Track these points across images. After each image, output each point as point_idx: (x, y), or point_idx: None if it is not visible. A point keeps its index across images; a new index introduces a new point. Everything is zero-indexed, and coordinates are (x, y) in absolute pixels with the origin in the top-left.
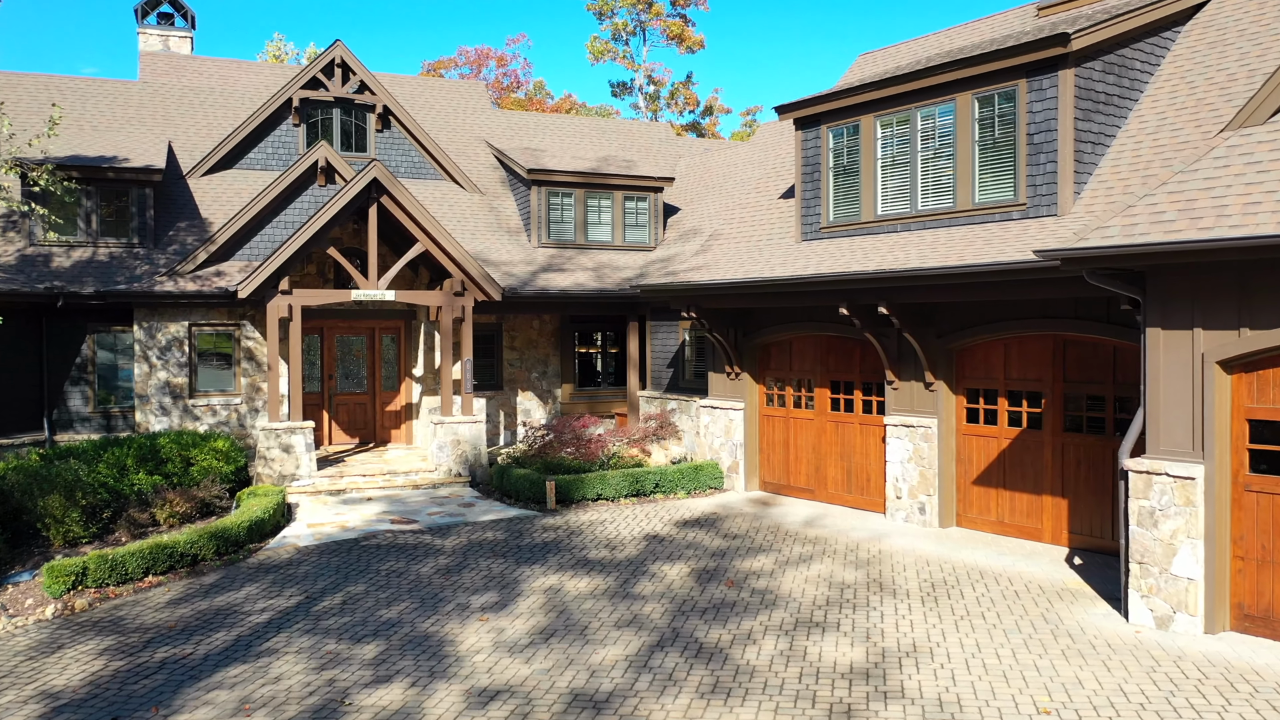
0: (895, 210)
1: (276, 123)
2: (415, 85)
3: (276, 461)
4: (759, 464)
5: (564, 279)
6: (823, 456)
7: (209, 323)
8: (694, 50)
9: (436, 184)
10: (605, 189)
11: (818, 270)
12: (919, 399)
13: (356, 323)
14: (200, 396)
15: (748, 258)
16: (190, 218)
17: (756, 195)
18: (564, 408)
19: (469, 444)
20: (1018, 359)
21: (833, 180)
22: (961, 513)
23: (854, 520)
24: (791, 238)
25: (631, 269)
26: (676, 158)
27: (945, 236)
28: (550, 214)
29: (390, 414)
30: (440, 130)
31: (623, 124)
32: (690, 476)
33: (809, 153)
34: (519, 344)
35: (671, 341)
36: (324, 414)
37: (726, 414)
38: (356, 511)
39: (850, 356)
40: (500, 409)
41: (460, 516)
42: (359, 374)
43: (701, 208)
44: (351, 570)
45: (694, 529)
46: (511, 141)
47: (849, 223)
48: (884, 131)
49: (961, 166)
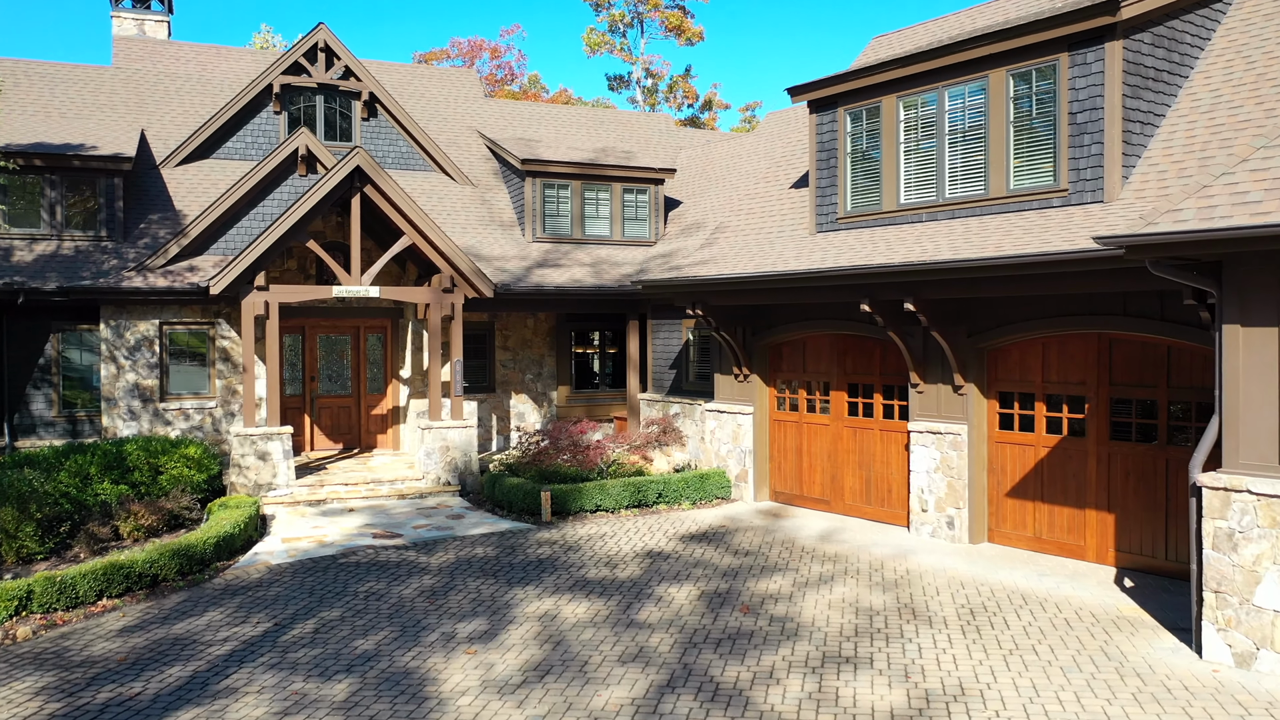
0: (920, 199)
1: (256, 110)
2: (404, 73)
3: (252, 470)
4: (769, 472)
5: (560, 275)
6: (839, 465)
7: (181, 321)
8: (693, 43)
9: (425, 175)
10: (603, 180)
11: (836, 263)
12: (947, 403)
13: (340, 321)
14: (172, 400)
15: (757, 251)
16: (163, 210)
17: (765, 185)
18: (560, 411)
19: (459, 450)
20: (1058, 360)
21: (850, 167)
22: (994, 527)
23: (875, 535)
24: (805, 229)
25: (631, 265)
26: (677, 149)
27: (977, 226)
28: (545, 207)
29: (376, 418)
30: (430, 120)
31: (621, 115)
32: (695, 486)
33: (824, 138)
34: (512, 344)
35: (674, 341)
36: (305, 418)
37: (734, 419)
38: (336, 524)
39: (870, 357)
40: (492, 412)
41: (448, 530)
42: (343, 376)
43: (704, 201)
44: (327, 593)
45: (701, 544)
46: (505, 132)
47: (868, 212)
48: (907, 114)
49: (994, 150)
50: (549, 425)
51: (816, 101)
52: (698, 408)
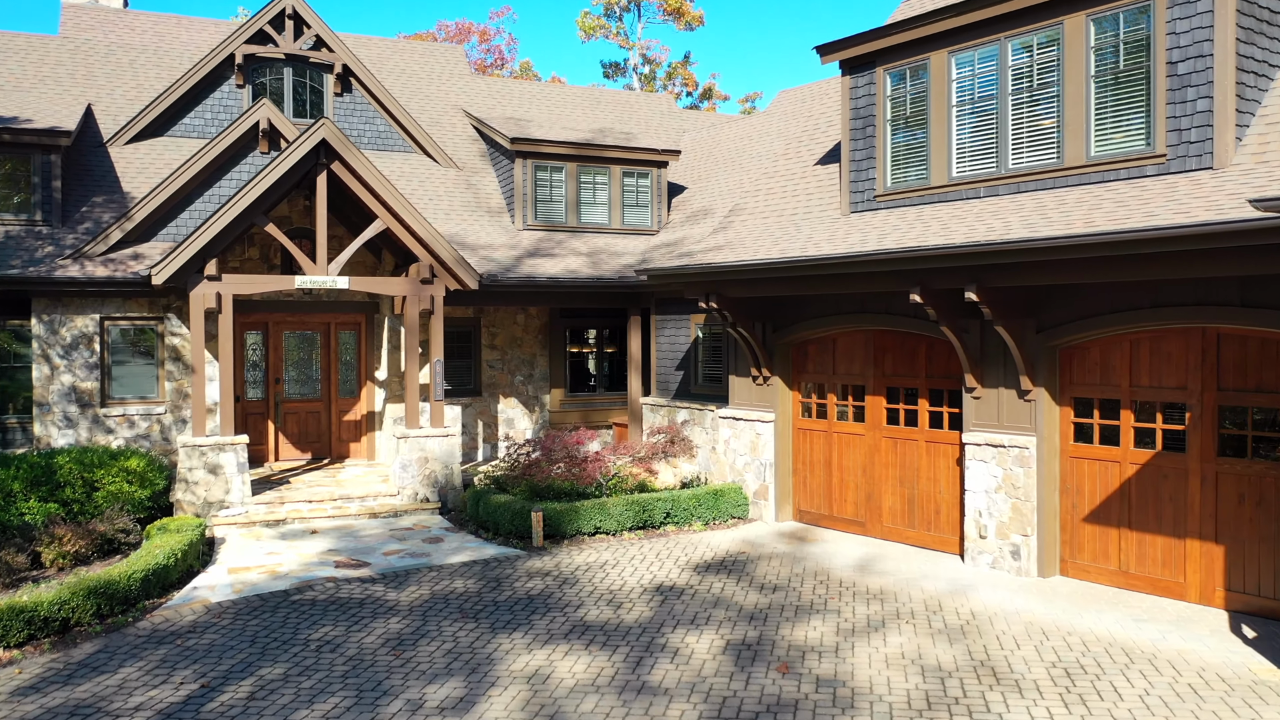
0: (976, 170)
1: (217, 83)
2: (383, 47)
3: (201, 485)
4: (793, 488)
5: (553, 265)
6: (876, 481)
7: (126, 316)
8: (693, 27)
9: (405, 157)
10: (601, 163)
11: (881, 245)
12: (1010, 411)
13: (308, 316)
14: (114, 405)
15: (781, 235)
16: (109, 191)
17: (786, 164)
18: (553, 417)
19: (439, 462)
20: (1150, 360)
21: (890, 136)
22: (1068, 558)
23: (922, 565)
24: (835, 210)
25: (632, 255)
26: (680, 132)
27: (1051, 201)
28: (538, 192)
29: (349, 424)
30: (411, 98)
31: (619, 95)
32: (708, 504)
33: (859, 103)
34: (500, 342)
35: (681, 339)
36: (269, 425)
37: (753, 427)
38: (295, 550)
39: (913, 356)
40: (478, 418)
41: (424, 557)
42: (312, 377)
43: (711, 186)
44: (272, 641)
45: (719, 575)
46: (493, 111)
47: (913, 188)
48: (961, 71)
49: (1071, 111)
50: (541, 433)
51: (851, 61)
52: (708, 414)
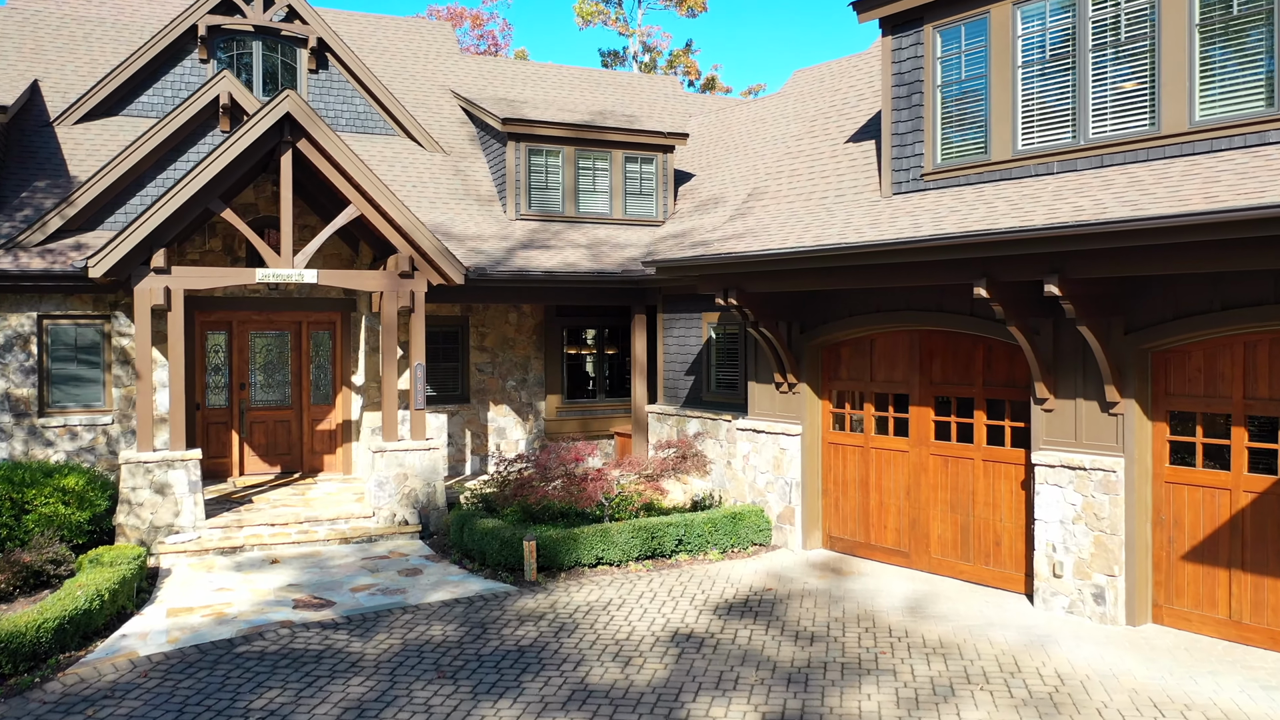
0: (1048, 142)
1: (178, 57)
2: (364, 23)
3: (146, 508)
4: (822, 512)
5: (549, 258)
6: (922, 505)
7: (68, 314)
8: (695, 13)
9: (387, 140)
10: (601, 146)
11: (939, 229)
12: (1091, 426)
13: (277, 315)
14: (55, 414)
15: (812, 221)
16: (53, 175)
17: (812, 142)
18: (549, 426)
19: (419, 479)
20: (1271, 366)
21: (942, 105)
22: (1162, 603)
23: (983, 606)
24: (873, 191)
25: (636, 247)
26: (686, 116)
27: (1148, 175)
28: (532, 178)
29: (322, 434)
30: (395, 77)
31: (620, 76)
32: (726, 529)
33: (904, 67)
34: (491, 343)
35: (691, 340)
36: (233, 436)
37: (776, 441)
38: (250, 584)
39: (967, 361)
40: (465, 428)
41: (398, 595)
42: (281, 382)
43: (722, 173)
44: (204, 712)
45: (744, 620)
46: (484, 92)
47: (970, 165)
48: (1028, 25)
49: (1169, 68)
50: (535, 444)
51: (894, 19)
52: (723, 424)
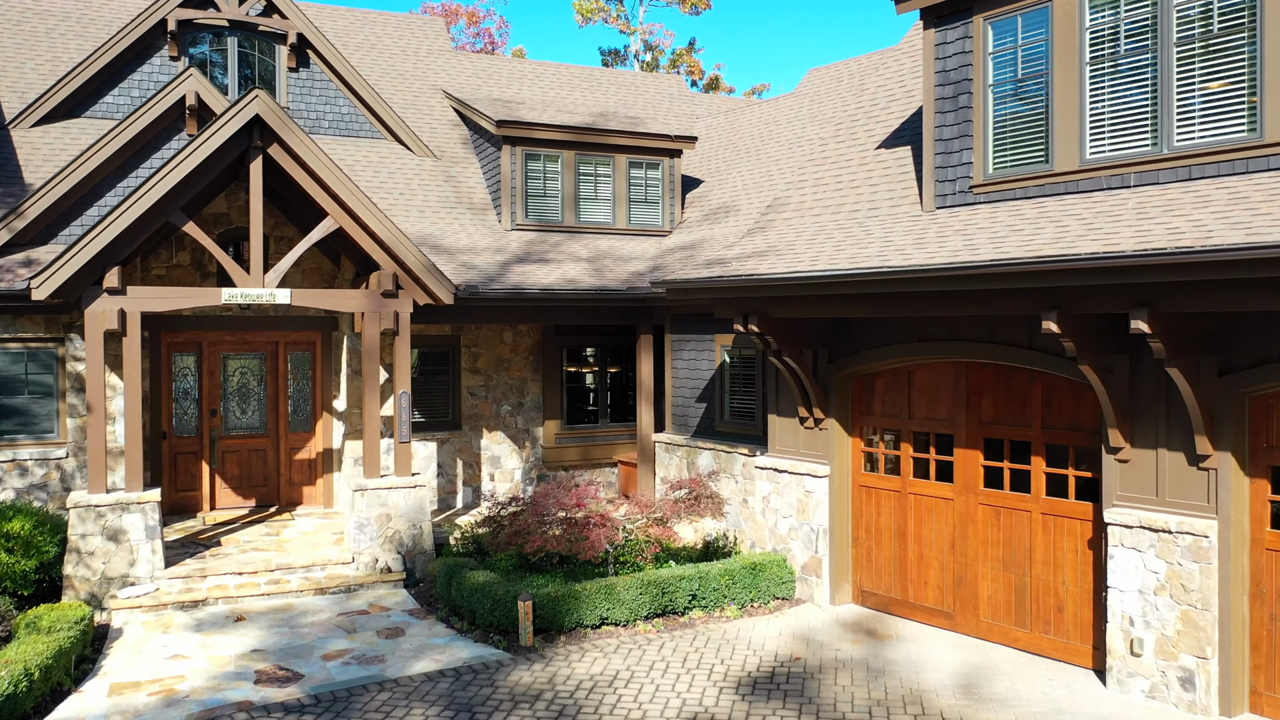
0: (1123, 150)
1: (146, 55)
2: (350, 18)
3: (97, 557)
4: (853, 562)
5: (547, 273)
6: (969, 560)
7: (16, 337)
8: (699, 10)
9: (373, 144)
10: (604, 151)
11: (1003, 253)
12: (1178, 482)
13: (252, 335)
14: (2, 447)
15: (844, 238)
16: (6, 183)
17: (837, 148)
18: (547, 454)
19: (404, 520)
20: None
21: (994, 107)
22: (1262, 690)
23: (1049, 687)
24: (912, 204)
25: (641, 261)
26: (693, 118)
27: (1253, 191)
28: (529, 185)
29: (301, 464)
30: (382, 76)
31: (623, 75)
32: (745, 581)
33: (949, 64)
34: (484, 365)
35: (703, 364)
36: (203, 466)
37: (800, 482)
38: (209, 650)
39: (1023, 399)
40: (457, 457)
41: (375, 664)
42: (256, 408)
43: (733, 178)
44: None
45: (772, 703)
46: (478, 92)
47: (1028, 175)
48: (1098, 15)
49: (1275, 62)
50: (533, 476)
51: (937, 9)
52: (738, 458)
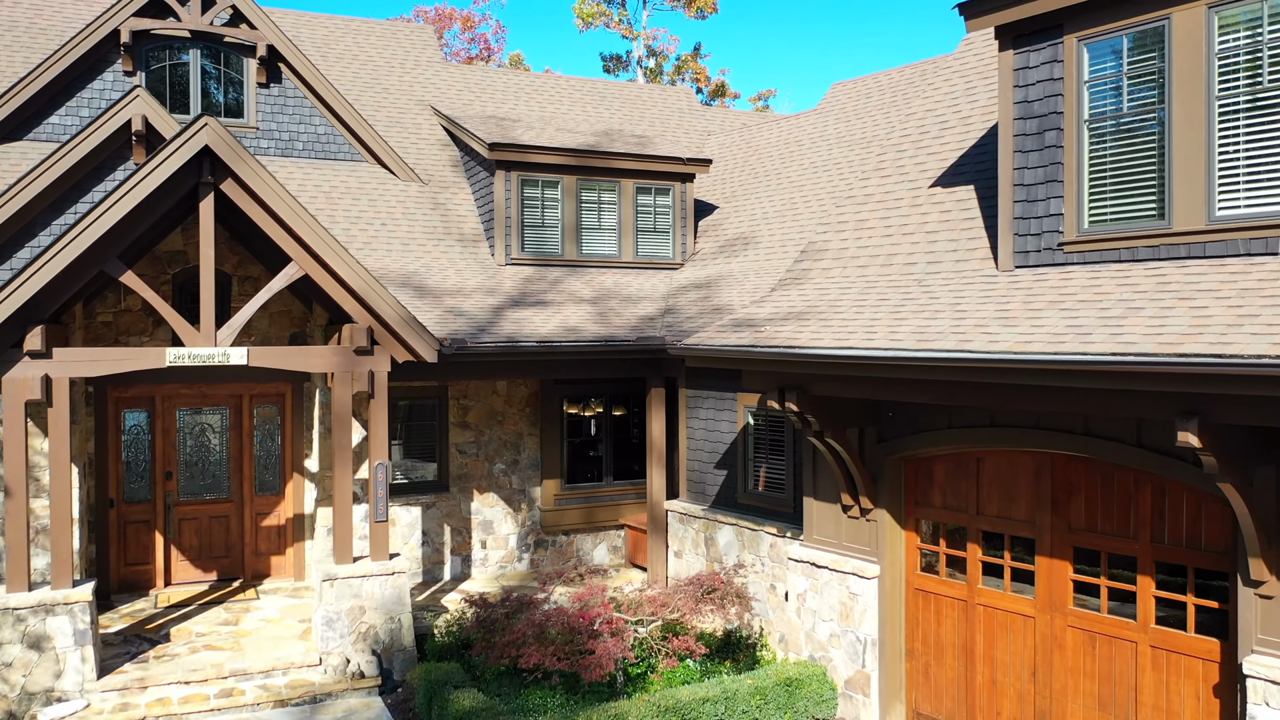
0: (1265, 206)
1: (97, 69)
2: (329, 27)
3: (17, 668)
4: (906, 678)
5: (546, 320)
6: (1054, 693)
7: None
8: (705, 15)
9: (352, 168)
10: (608, 175)
11: (1126, 343)
12: None
13: (212, 389)
14: None
15: (901, 300)
16: None
17: (881, 183)
18: (546, 517)
19: (380, 613)
20: None
21: (1090, 145)
22: None
23: None
24: (983, 259)
25: (651, 300)
26: (704, 135)
27: None
28: (525, 213)
29: (268, 531)
30: (365, 90)
31: (628, 87)
32: (779, 701)
33: (1032, 94)
34: (475, 418)
35: (723, 425)
36: (156, 537)
37: (844, 582)
38: None
39: (1127, 504)
40: (444, 522)
41: None
42: (217, 470)
43: (751, 205)
44: None
45: None
46: (470, 108)
47: (1138, 233)
48: (1231, 36)
49: None
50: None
51: (1017, 27)
52: (764, 537)
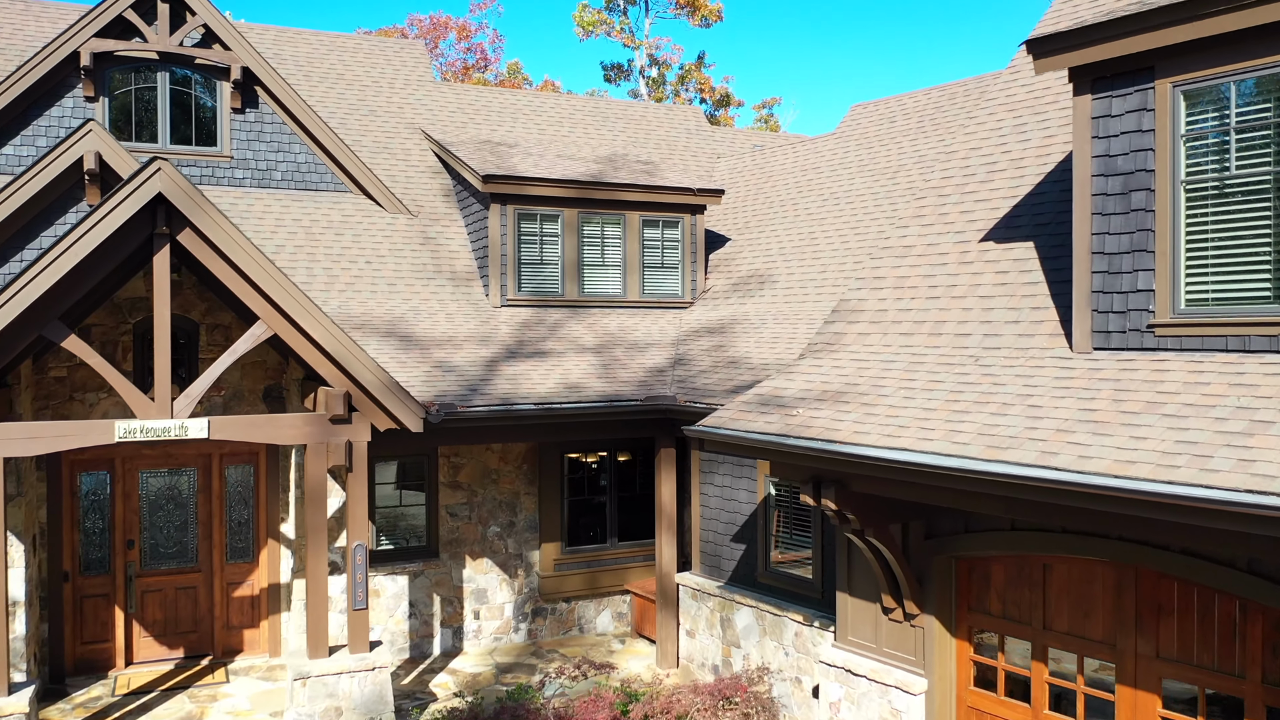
0: None
1: (56, 95)
2: (315, 44)
3: None
4: None
5: (545, 374)
6: None
7: None
8: (710, 23)
9: (335, 199)
10: (612, 208)
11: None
12: None
13: (178, 448)
14: None
15: (956, 384)
16: None
17: (922, 233)
18: (545, 584)
19: (359, 713)
20: None
21: (1188, 209)
22: None
23: None
24: (1050, 334)
25: (659, 347)
26: (714, 158)
27: None
28: (522, 250)
29: (241, 603)
30: (350, 113)
31: (631, 107)
32: None
33: (1114, 147)
34: (468, 477)
35: (741, 494)
36: (116, 612)
37: (885, 695)
38: None
39: (1229, 634)
40: (433, 591)
41: None
42: (184, 537)
43: (767, 238)
44: None
45: None
46: (464, 131)
47: (1251, 320)
48: None
49: None
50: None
51: (1096, 68)
52: (788, 624)
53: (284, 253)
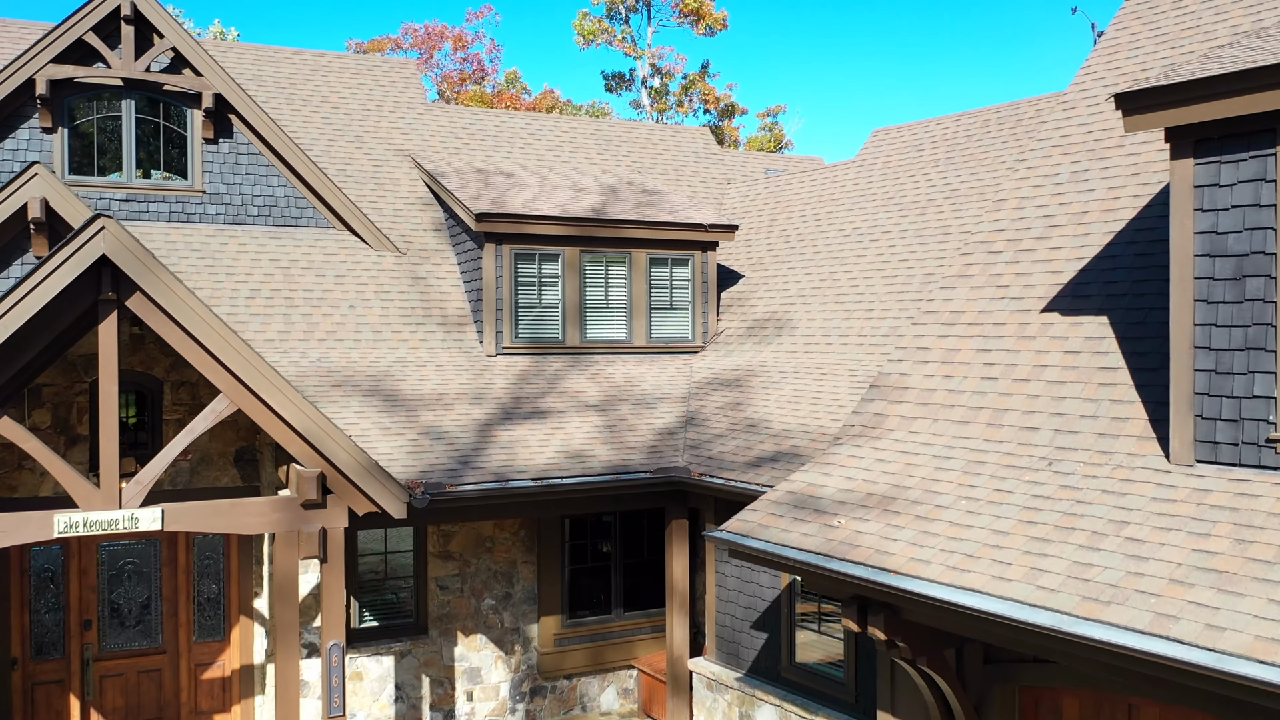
0: None
1: (11, 126)
2: (298, 64)
3: None
4: None
5: (544, 439)
6: None
7: None
8: (714, 31)
9: (317, 236)
10: (617, 246)
11: None
12: None
13: None
14: None
15: (1027, 496)
16: None
17: (971, 297)
18: (544, 660)
19: None
20: None
21: None
22: None
23: None
24: (1138, 436)
25: (669, 402)
26: (724, 183)
27: None
28: (519, 293)
29: (211, 686)
30: (335, 140)
31: (636, 128)
32: None
33: (1223, 223)
34: (460, 547)
35: (763, 574)
36: (71, 700)
37: None
38: None
39: None
40: (422, 672)
41: None
42: (147, 615)
43: (784, 277)
44: None
45: None
46: (457, 158)
47: None
48: None
49: None
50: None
51: (1199, 129)
52: None
53: (260, 297)
